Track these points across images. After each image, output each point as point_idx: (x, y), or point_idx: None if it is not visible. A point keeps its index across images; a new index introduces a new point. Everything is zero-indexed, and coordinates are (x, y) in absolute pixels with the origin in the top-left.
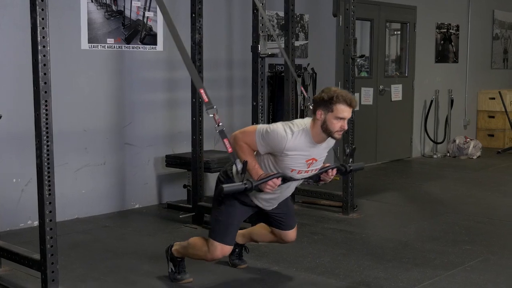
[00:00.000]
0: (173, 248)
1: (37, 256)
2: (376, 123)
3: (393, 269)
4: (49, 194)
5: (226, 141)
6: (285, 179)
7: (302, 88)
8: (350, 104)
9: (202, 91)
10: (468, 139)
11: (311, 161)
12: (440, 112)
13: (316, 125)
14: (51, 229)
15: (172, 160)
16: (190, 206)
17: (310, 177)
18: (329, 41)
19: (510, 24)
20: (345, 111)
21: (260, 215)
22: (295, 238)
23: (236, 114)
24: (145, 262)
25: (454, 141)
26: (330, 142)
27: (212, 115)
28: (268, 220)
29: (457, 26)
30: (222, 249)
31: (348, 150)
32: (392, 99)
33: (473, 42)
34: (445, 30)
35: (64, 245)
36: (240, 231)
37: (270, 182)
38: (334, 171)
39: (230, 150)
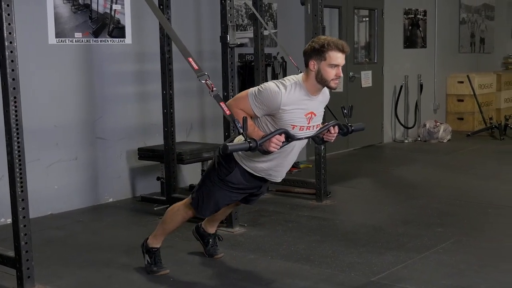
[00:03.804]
0: (148, 240)
1: (11, 253)
2: None
3: (367, 253)
4: (22, 191)
5: (222, 104)
6: (288, 136)
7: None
8: (342, 50)
9: (191, 59)
10: (438, 123)
11: (310, 115)
12: (410, 97)
13: (310, 77)
14: (25, 225)
15: (145, 153)
16: (164, 198)
17: (313, 137)
18: (298, 30)
19: (476, 8)
20: (338, 58)
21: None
22: None
23: (207, 105)
24: (120, 255)
25: (425, 125)
26: (326, 95)
27: (204, 81)
28: (245, 198)
29: (425, 12)
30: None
31: (345, 111)
32: (362, 86)
33: (440, 27)
34: (412, 16)
35: (39, 241)
36: (205, 220)
37: (273, 139)
38: (336, 128)
39: (228, 112)
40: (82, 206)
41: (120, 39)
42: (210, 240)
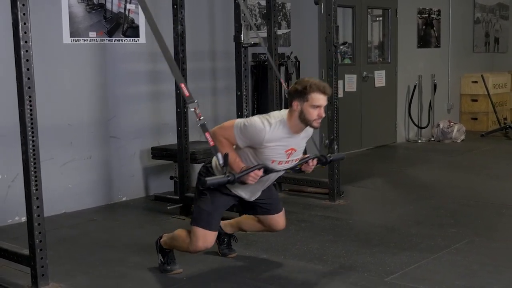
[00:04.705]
0: (161, 240)
1: (26, 251)
2: (360, 110)
3: (380, 253)
4: (36, 190)
5: (207, 135)
6: (267, 170)
7: (282, 81)
8: (324, 92)
9: (183, 85)
10: (452, 123)
11: (290, 151)
12: (423, 97)
13: (294, 116)
14: (39, 224)
15: (158, 152)
16: (177, 197)
17: (291, 168)
18: (311, 29)
19: (491, 7)
20: (320, 99)
21: (244, 205)
22: (284, 225)
23: (220, 104)
24: (134, 254)
25: (438, 125)
26: (309, 131)
27: (193, 109)
28: (253, 209)
29: (439, 11)
30: (205, 237)
31: (327, 141)
32: (376, 85)
33: (454, 26)
34: (426, 15)
35: (53, 240)
36: (227, 221)
37: (252, 174)
38: (315, 161)
39: (212, 143)
40: (95, 205)
41: (134, 38)
42: (225, 239)
